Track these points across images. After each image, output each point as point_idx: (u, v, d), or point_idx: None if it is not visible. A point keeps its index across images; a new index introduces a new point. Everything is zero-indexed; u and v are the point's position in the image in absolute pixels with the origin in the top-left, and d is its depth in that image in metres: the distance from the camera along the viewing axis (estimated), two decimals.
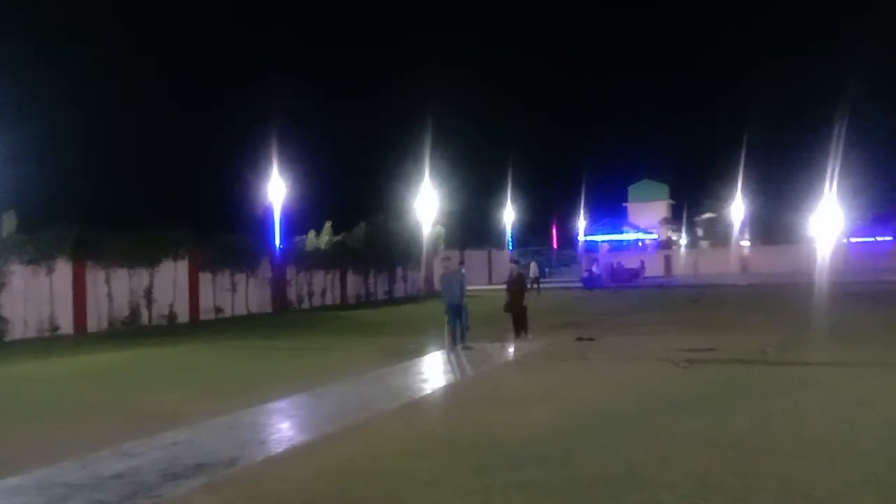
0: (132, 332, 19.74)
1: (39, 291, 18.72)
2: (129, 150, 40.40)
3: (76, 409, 9.21)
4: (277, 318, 24.53)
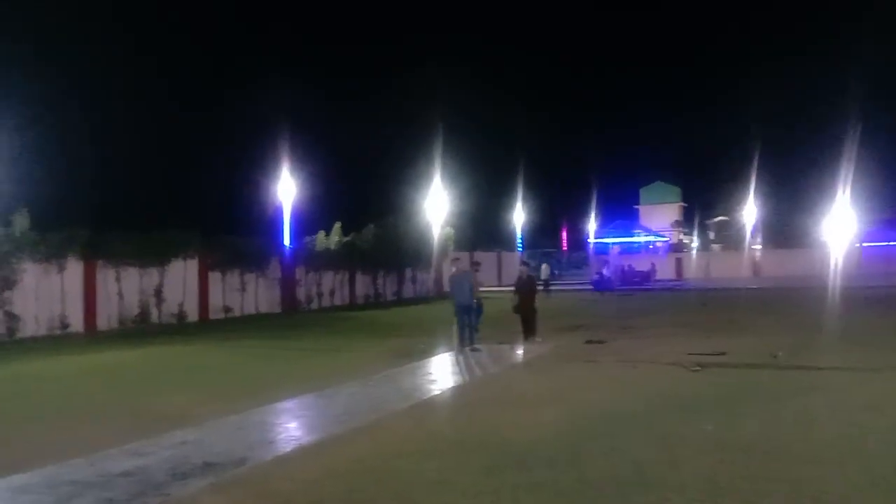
0: (142, 331, 19.85)
1: (51, 290, 18.85)
2: (136, 152, 40.60)
3: (85, 408, 9.26)
4: (286, 319, 24.60)
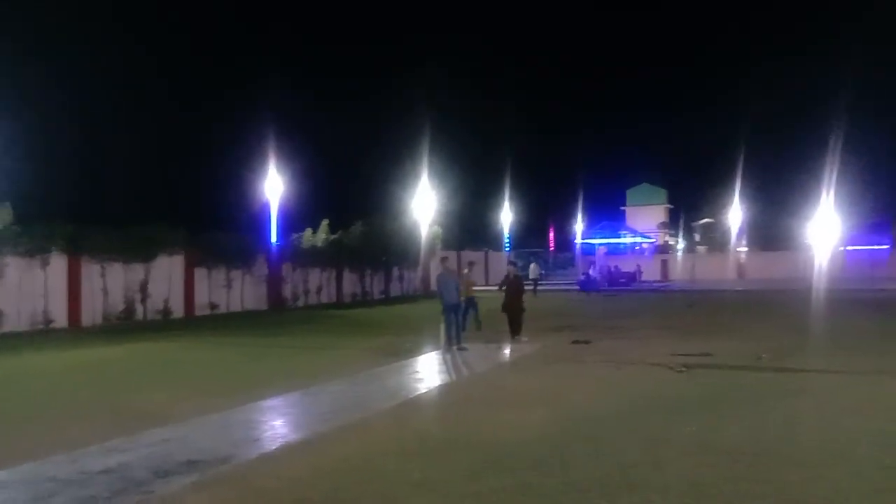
0: (126, 327, 19.70)
1: (34, 284, 18.67)
2: (123, 148, 40.34)
3: (67, 405, 9.16)
4: (273, 316, 24.48)
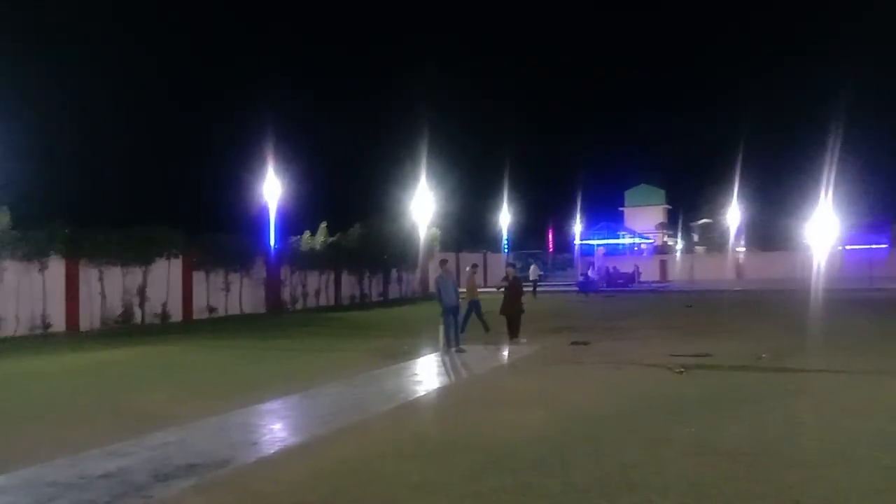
0: (125, 331, 19.66)
1: (32, 289, 18.63)
2: (121, 150, 40.41)
3: (66, 409, 9.14)
4: (271, 319, 24.46)
